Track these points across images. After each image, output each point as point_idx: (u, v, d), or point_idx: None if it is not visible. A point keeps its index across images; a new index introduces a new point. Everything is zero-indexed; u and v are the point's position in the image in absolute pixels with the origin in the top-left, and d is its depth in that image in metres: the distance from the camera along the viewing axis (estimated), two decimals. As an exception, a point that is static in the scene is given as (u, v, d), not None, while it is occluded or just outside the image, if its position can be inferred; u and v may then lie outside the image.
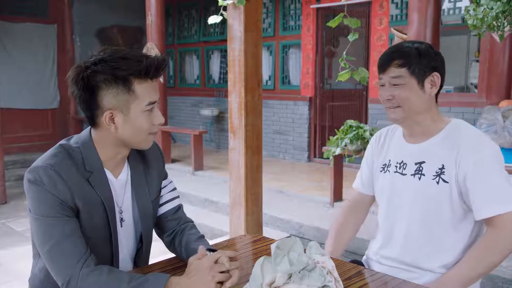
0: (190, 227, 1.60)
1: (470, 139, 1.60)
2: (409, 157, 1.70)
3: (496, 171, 1.57)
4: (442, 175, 1.60)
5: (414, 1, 4.12)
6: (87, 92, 1.34)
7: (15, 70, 7.79)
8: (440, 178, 1.61)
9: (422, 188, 1.65)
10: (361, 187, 1.95)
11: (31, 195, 1.33)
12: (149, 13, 6.68)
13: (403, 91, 1.62)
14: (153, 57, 1.35)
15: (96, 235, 1.41)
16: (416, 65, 1.61)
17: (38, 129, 8.35)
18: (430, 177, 1.63)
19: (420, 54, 1.62)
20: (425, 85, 1.62)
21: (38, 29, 8.11)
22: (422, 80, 1.61)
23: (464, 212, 1.61)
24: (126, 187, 1.49)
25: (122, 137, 1.39)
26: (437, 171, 1.62)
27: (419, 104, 1.63)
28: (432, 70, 1.62)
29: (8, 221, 5.26)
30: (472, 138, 1.60)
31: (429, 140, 1.66)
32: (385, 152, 1.82)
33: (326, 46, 7.04)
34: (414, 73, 1.61)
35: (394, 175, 1.73)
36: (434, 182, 1.62)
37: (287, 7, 7.28)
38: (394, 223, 1.75)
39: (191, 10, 8.90)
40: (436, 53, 1.66)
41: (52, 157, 1.35)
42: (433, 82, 1.62)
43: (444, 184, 1.60)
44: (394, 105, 1.66)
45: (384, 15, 5.99)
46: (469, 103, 5.52)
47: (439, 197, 1.61)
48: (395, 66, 1.63)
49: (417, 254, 1.67)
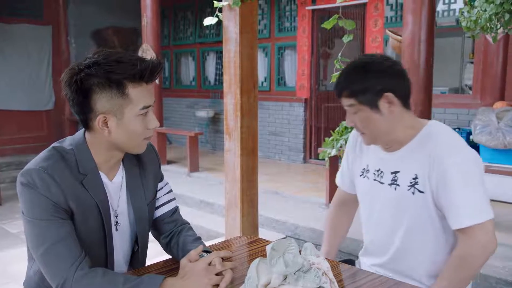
0: (187, 229, 1.60)
1: (442, 146, 1.52)
2: (385, 166, 1.66)
3: (469, 180, 1.49)
4: (417, 185, 1.56)
5: (409, 3, 4.12)
6: (81, 95, 1.31)
7: (10, 71, 7.76)
8: (414, 188, 1.56)
9: (398, 198, 1.61)
10: (343, 186, 1.93)
11: (24, 198, 1.31)
12: (145, 15, 6.68)
13: (360, 118, 1.57)
14: (148, 61, 1.33)
15: (91, 238, 1.40)
16: (362, 95, 1.54)
17: (33, 130, 8.31)
18: (405, 187, 1.58)
19: (364, 81, 1.54)
20: (380, 108, 1.54)
21: (33, 31, 8.08)
22: (376, 105, 1.54)
23: (444, 221, 1.56)
24: (121, 190, 1.48)
25: (115, 141, 1.37)
26: (411, 181, 1.57)
27: (381, 127, 1.57)
28: (382, 92, 1.52)
29: (3, 223, 5.25)
30: (444, 145, 1.53)
31: (403, 148, 1.61)
32: (364, 155, 1.77)
33: (322, 47, 7.05)
34: (364, 101, 1.54)
35: (373, 183, 1.69)
36: (409, 193, 1.57)
37: (282, 8, 7.29)
38: (376, 229, 1.74)
39: (186, 12, 8.90)
40: (384, 70, 1.55)
41: (45, 160, 1.33)
42: (389, 102, 1.54)
43: (420, 194, 1.55)
44: (359, 131, 1.62)
45: (379, 16, 6.01)
46: (464, 105, 5.55)
47: (416, 207, 1.57)
48: (345, 96, 1.58)
49: (402, 262, 1.66)
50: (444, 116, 5.63)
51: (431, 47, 4.14)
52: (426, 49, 4.09)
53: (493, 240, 1.47)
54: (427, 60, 4.11)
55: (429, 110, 4.20)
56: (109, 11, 8.73)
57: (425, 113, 4.15)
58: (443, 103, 5.60)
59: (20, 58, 7.93)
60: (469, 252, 1.49)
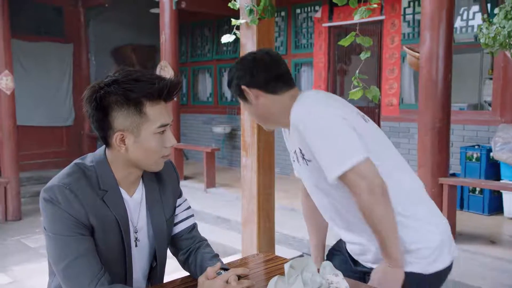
0: (205, 246, 1.60)
1: (292, 115, 1.60)
2: (290, 147, 1.76)
3: (321, 136, 1.52)
4: (305, 156, 1.63)
5: (426, 20, 4.11)
6: (100, 113, 1.34)
7: (32, 88, 7.94)
8: (304, 159, 1.64)
9: (303, 171, 1.71)
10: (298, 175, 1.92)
11: (47, 213, 1.33)
12: (163, 32, 6.78)
13: (243, 109, 1.78)
14: (166, 80, 1.34)
15: (110, 254, 1.41)
16: (232, 89, 1.73)
17: (53, 146, 8.46)
18: (301, 161, 1.67)
19: (230, 77, 1.73)
20: (249, 100, 1.69)
21: (55, 48, 8.29)
22: (243, 97, 1.70)
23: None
24: (141, 206, 1.49)
25: (132, 158, 1.39)
26: (300, 154, 1.65)
27: (258, 114, 1.72)
28: (239, 86, 1.68)
29: (23, 237, 5.30)
30: (293, 114, 1.60)
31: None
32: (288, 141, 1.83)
33: (338, 63, 7.06)
34: (236, 95, 1.74)
35: (294, 164, 1.77)
36: (305, 164, 1.65)
37: (299, 25, 7.34)
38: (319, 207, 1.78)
39: (204, 29, 9.02)
40: (240, 65, 1.71)
41: (67, 176, 1.36)
42: (254, 95, 1.67)
43: (310, 163, 1.62)
44: None
45: (396, 33, 6.01)
46: (483, 121, 5.49)
47: (315, 176, 1.63)
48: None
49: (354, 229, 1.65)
50: (463, 133, 5.56)
51: (449, 63, 4.11)
52: (444, 66, 4.07)
53: (371, 178, 1.46)
54: (445, 76, 4.08)
55: (448, 127, 4.16)
56: (128, 29, 8.91)
57: (444, 130, 4.11)
58: (462, 120, 5.54)
59: (42, 74, 8.13)
60: (360, 200, 1.48)
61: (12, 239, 5.26)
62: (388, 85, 6.10)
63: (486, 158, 5.01)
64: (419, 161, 4.22)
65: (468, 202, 5.16)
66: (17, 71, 7.15)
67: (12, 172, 5.91)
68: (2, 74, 5.78)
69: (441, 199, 4.09)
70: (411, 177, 1.68)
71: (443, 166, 4.13)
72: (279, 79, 1.71)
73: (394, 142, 6.04)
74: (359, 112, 1.69)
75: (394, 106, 6.08)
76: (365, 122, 1.65)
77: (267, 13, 2.97)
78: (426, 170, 4.12)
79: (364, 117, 1.69)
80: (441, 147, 4.10)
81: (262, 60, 1.71)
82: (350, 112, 1.62)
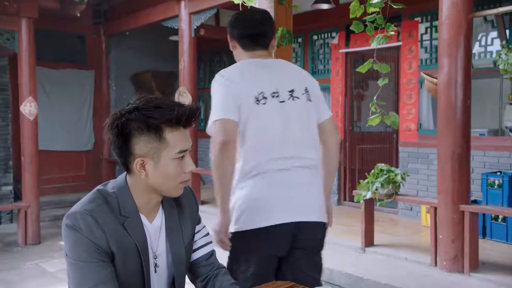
0: (223, 273, 1.60)
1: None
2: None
3: (213, 99, 2.07)
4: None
5: (444, 46, 4.10)
6: (121, 139, 1.37)
7: (54, 113, 8.08)
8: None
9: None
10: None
11: (68, 239, 1.35)
12: (182, 59, 6.90)
13: None
14: (185, 106, 1.38)
15: (130, 281, 1.41)
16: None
17: (72, 170, 8.55)
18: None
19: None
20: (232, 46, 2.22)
21: (77, 75, 8.48)
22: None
23: None
24: (161, 232, 1.50)
25: (152, 184, 1.41)
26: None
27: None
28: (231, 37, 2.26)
29: (41, 262, 5.32)
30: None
31: None
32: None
33: (355, 89, 7.07)
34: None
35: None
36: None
37: (316, 51, 7.40)
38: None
39: (222, 55, 9.14)
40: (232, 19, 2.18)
41: (89, 203, 1.38)
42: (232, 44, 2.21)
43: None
44: None
45: (413, 59, 6.01)
46: (505, 147, 5.40)
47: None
48: None
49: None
50: (484, 159, 5.48)
51: (468, 89, 4.07)
52: (463, 92, 4.04)
53: (216, 135, 1.95)
54: (464, 102, 4.05)
55: (468, 153, 4.10)
56: (148, 56, 9.08)
57: (464, 156, 4.05)
58: (483, 146, 5.46)
59: (63, 100, 8.29)
60: (211, 150, 1.95)
61: (31, 263, 5.28)
62: (406, 111, 6.07)
63: (509, 184, 4.91)
64: (438, 188, 4.16)
65: (490, 230, 5.04)
66: (40, 96, 7.31)
67: (32, 197, 5.98)
68: (26, 101, 5.91)
69: (463, 227, 4.00)
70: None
71: (464, 193, 4.06)
72: (249, 37, 2.12)
73: (412, 168, 5.98)
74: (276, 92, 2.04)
75: (412, 132, 6.03)
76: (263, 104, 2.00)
77: (285, 40, 3.03)
78: (446, 197, 4.06)
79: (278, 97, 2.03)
80: (462, 174, 4.04)
81: (246, 17, 2.12)
82: (251, 89, 2.02)
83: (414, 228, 5.60)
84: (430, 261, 4.25)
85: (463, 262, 4.01)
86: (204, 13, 6.66)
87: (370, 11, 2.42)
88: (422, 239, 5.17)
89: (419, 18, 6.02)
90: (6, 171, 7.17)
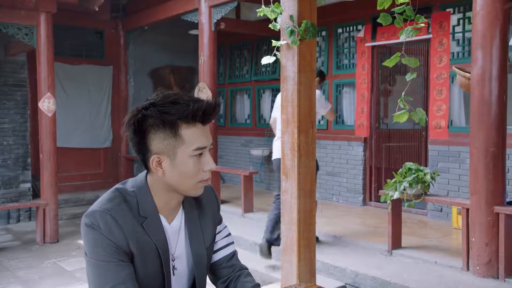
0: (245, 275, 1.58)
1: None
2: None
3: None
4: None
5: (478, 38, 3.90)
6: (138, 136, 1.36)
7: (71, 110, 8.02)
8: None
9: None
10: None
11: (88, 239, 1.34)
12: (202, 54, 6.76)
13: None
14: (202, 102, 1.34)
15: (149, 282, 1.39)
16: None
17: (90, 168, 8.47)
18: None
19: None
20: None
21: (95, 70, 8.40)
22: None
23: None
24: (180, 234, 1.46)
25: (170, 182, 1.37)
26: None
27: None
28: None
29: (59, 260, 5.28)
30: None
31: None
32: None
33: (382, 84, 6.82)
34: None
35: None
36: None
37: (340, 45, 7.17)
38: None
39: (243, 50, 8.98)
40: None
41: (108, 202, 1.36)
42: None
43: None
44: None
45: (444, 52, 5.74)
46: (542, 145, 5.11)
47: None
48: None
49: None
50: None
51: (504, 84, 3.92)
52: (498, 86, 3.88)
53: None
54: (500, 97, 3.88)
55: (504, 151, 3.92)
56: (167, 51, 8.98)
57: (499, 155, 3.88)
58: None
59: (81, 96, 8.22)
60: None
61: (49, 262, 5.24)
62: (436, 107, 5.81)
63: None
64: (471, 188, 3.99)
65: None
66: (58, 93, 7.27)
67: (50, 194, 5.93)
68: (44, 97, 5.85)
69: (497, 229, 3.85)
70: None
71: (498, 194, 3.88)
72: None
73: (443, 167, 5.73)
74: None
75: (443, 129, 5.77)
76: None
77: (309, 34, 2.94)
78: (479, 198, 3.90)
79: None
80: (496, 173, 3.87)
81: None
82: None
83: (444, 231, 5.38)
84: (462, 266, 4.10)
85: (497, 267, 3.87)
86: (225, 6, 6.53)
87: (399, 2, 2.29)
88: (453, 242, 4.96)
89: (451, 9, 5.76)
90: (25, 168, 7.16)
